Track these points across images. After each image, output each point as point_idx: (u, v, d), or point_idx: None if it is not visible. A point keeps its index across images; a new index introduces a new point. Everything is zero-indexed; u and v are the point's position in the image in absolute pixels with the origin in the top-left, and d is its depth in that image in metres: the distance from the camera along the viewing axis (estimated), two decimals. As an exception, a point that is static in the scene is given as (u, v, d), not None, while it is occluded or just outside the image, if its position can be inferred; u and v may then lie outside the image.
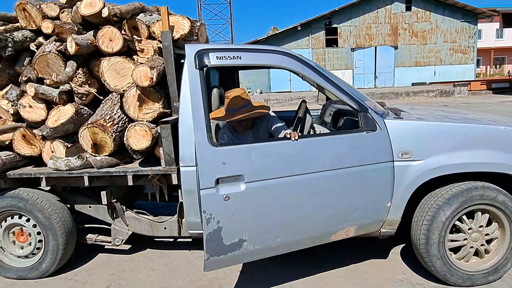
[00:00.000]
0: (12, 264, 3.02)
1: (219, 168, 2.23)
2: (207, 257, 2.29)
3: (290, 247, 2.52)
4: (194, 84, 2.27)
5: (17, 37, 2.96)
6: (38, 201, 2.87)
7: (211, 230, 2.25)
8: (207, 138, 2.22)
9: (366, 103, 2.59)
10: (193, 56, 2.29)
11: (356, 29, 26.80)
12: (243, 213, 2.30)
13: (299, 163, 2.37)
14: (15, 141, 2.90)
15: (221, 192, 2.23)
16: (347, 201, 2.50)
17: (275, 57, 2.50)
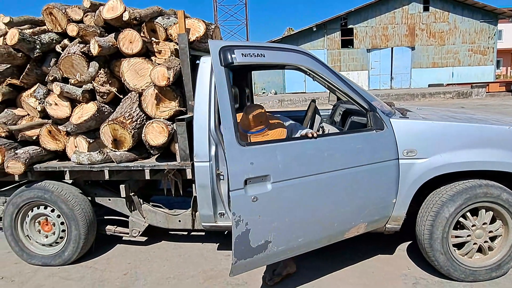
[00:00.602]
0: (37, 252, 3.23)
1: (247, 168, 2.17)
2: (234, 261, 2.22)
3: (310, 247, 2.54)
4: (219, 81, 2.17)
5: (44, 40, 3.16)
6: (62, 193, 3.06)
7: (240, 233, 2.18)
8: (236, 138, 2.15)
9: (374, 103, 2.69)
10: (217, 52, 2.19)
11: (372, 29, 26.64)
12: (270, 214, 2.26)
13: (318, 162, 2.39)
14: (42, 137, 3.10)
15: (249, 193, 2.17)
16: (359, 198, 2.57)
17: (295, 56, 2.51)
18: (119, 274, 3.02)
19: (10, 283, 2.96)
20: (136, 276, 2.98)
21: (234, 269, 2.27)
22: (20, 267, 3.21)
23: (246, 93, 3.96)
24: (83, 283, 2.90)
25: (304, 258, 3.05)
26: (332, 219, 2.52)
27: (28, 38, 3.00)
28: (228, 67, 2.21)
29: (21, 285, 2.93)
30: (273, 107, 19.08)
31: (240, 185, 2.15)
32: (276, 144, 2.33)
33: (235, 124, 2.15)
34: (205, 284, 2.81)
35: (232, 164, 2.15)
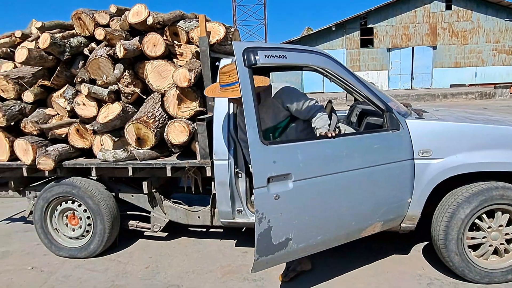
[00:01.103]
0: (65, 244, 3.40)
1: (270, 166, 2.22)
2: (257, 258, 2.27)
3: (328, 244, 2.58)
4: (244, 82, 2.18)
5: (73, 43, 3.33)
6: (89, 189, 3.22)
7: (262, 230, 2.23)
8: (259, 137, 2.19)
9: (390, 103, 2.74)
10: (241, 54, 2.21)
11: (392, 29, 26.30)
12: (291, 212, 2.31)
13: (337, 162, 2.43)
14: (70, 135, 3.27)
15: (272, 191, 2.22)
16: (376, 197, 2.61)
17: (315, 58, 2.55)
18: (141, 267, 3.15)
19: (40, 273, 3.14)
20: (157, 269, 3.11)
21: (256, 265, 2.33)
22: (48, 258, 3.39)
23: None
24: (108, 275, 3.05)
25: (318, 257, 3.11)
26: (350, 217, 2.57)
27: (59, 42, 3.17)
28: (252, 68, 2.24)
29: (50, 275, 3.10)
30: (291, 107, 19.09)
31: (263, 183, 2.20)
32: (297, 144, 2.38)
33: (258, 123, 2.20)
34: (223, 279, 2.91)
35: (256, 162, 2.19)
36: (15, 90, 3.29)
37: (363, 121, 3.19)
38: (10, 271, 3.20)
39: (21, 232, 4.12)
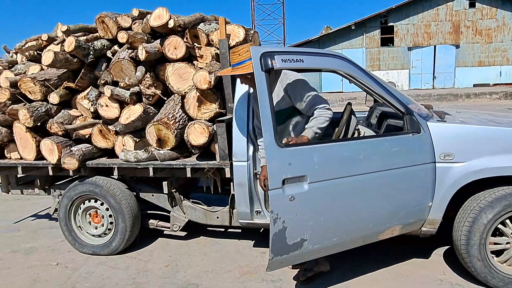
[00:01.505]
0: (88, 242, 3.50)
1: (285, 168, 2.25)
2: (271, 257, 2.33)
3: (344, 246, 2.59)
4: (261, 86, 2.25)
5: (97, 46, 3.41)
6: (111, 188, 3.31)
7: (277, 230, 2.27)
8: (275, 140, 2.23)
9: (411, 106, 2.70)
10: (258, 58, 2.27)
11: (414, 27, 25.81)
12: (306, 213, 2.34)
13: (354, 164, 2.44)
14: (93, 135, 3.36)
15: (287, 192, 2.25)
16: (395, 201, 2.59)
17: (333, 61, 2.58)
18: (161, 266, 3.22)
19: (64, 269, 3.24)
20: (176, 268, 3.16)
21: (270, 265, 2.38)
22: (72, 255, 3.50)
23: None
24: (129, 272, 3.12)
25: (335, 258, 3.11)
26: (367, 220, 2.56)
27: (83, 45, 3.26)
28: (268, 72, 2.31)
29: (74, 271, 3.20)
30: (309, 107, 19.00)
31: (278, 184, 2.24)
32: (313, 146, 2.39)
33: (274, 126, 2.24)
34: (241, 279, 2.94)
35: (271, 164, 2.24)
36: (41, 92, 3.41)
37: (383, 123, 3.16)
38: (36, 267, 3.32)
39: (46, 228, 4.26)
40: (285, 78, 2.63)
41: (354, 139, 2.84)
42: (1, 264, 3.41)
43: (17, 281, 3.08)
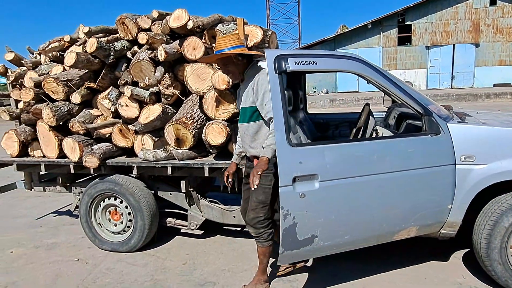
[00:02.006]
0: (107, 238, 3.58)
1: (296, 167, 2.31)
2: (282, 251, 2.40)
3: (356, 245, 2.63)
4: (274, 88, 2.34)
5: (117, 47, 3.48)
6: (130, 186, 3.37)
7: (287, 226, 2.34)
8: (286, 139, 2.30)
9: (430, 107, 2.67)
10: (272, 61, 2.36)
11: (432, 26, 25.36)
12: (316, 210, 2.39)
13: (368, 164, 2.45)
14: (113, 134, 3.43)
15: (297, 190, 2.31)
16: (411, 202, 2.57)
17: (347, 63, 2.59)
18: (179, 264, 3.26)
19: (85, 265, 3.33)
20: (194, 266, 3.20)
21: (281, 258, 2.45)
22: (92, 251, 3.58)
23: (299, 95, 4.06)
24: (147, 269, 3.18)
25: (352, 258, 3.10)
26: (380, 220, 2.56)
27: (104, 46, 3.33)
28: (282, 74, 2.39)
29: (95, 267, 3.27)
30: (325, 106, 18.91)
31: (288, 182, 2.31)
32: (325, 146, 2.45)
33: (286, 126, 2.31)
34: (257, 278, 2.96)
35: (282, 162, 2.30)
36: (64, 92, 3.50)
37: (402, 124, 3.13)
38: (58, 262, 3.41)
39: (67, 225, 4.37)
40: (256, 76, 2.52)
41: (367, 139, 2.84)
42: (25, 259, 3.52)
43: (40, 275, 3.17)
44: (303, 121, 3.93)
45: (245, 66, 2.59)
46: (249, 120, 2.56)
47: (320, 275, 2.96)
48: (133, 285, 2.95)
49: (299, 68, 2.44)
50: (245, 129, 2.61)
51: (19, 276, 3.18)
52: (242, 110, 2.61)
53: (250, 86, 2.51)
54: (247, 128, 2.59)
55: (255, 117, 2.55)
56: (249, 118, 2.56)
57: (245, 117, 2.58)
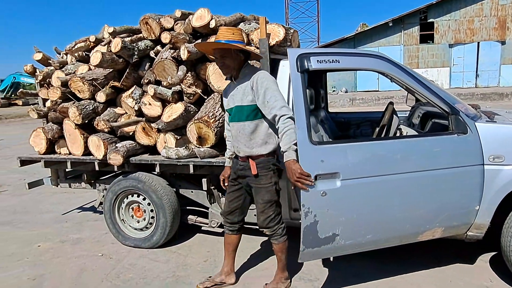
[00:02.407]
0: (130, 235, 3.65)
1: (318, 165, 2.31)
2: (303, 249, 2.41)
3: (379, 244, 2.61)
4: (296, 86, 2.36)
5: (141, 46, 3.54)
6: (153, 183, 3.42)
7: (308, 223, 2.35)
8: (308, 137, 2.30)
9: (457, 106, 2.61)
10: (294, 59, 2.39)
11: (455, 23, 24.74)
12: (338, 209, 2.38)
13: (391, 163, 2.42)
14: (137, 133, 3.49)
15: (319, 188, 2.30)
16: (436, 202, 2.52)
17: (370, 61, 2.59)
18: (200, 261, 3.30)
19: (109, 260, 3.40)
20: (215, 263, 3.23)
21: (302, 256, 2.46)
22: (116, 247, 3.66)
23: (321, 94, 4.03)
24: (169, 266, 3.23)
25: (372, 257, 3.06)
26: (403, 220, 2.52)
27: (128, 45, 3.39)
28: (304, 72, 2.40)
29: (118, 262, 3.34)
30: (344, 105, 18.71)
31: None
32: (347, 145, 2.44)
33: (308, 124, 2.31)
34: (278, 276, 2.96)
35: (304, 160, 2.29)
36: (89, 91, 3.58)
37: (427, 123, 3.07)
38: (83, 256, 3.49)
39: (91, 221, 4.47)
40: (255, 74, 2.46)
41: (390, 138, 2.81)
42: (52, 253, 3.63)
43: (66, 269, 3.26)
44: (325, 120, 3.90)
45: (241, 63, 2.52)
46: (246, 119, 2.49)
47: (341, 274, 2.94)
48: (155, 280, 3.00)
49: (322, 66, 2.44)
50: (241, 128, 2.52)
51: (47, 269, 3.28)
52: (238, 109, 2.52)
53: (248, 84, 2.45)
54: (243, 127, 2.51)
55: (253, 116, 2.48)
56: (246, 117, 2.49)
57: (242, 116, 2.51)
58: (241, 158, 2.60)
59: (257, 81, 2.40)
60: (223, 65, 2.51)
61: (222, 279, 2.85)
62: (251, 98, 2.45)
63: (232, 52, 2.46)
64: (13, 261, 3.47)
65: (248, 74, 2.50)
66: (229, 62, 2.47)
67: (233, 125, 2.58)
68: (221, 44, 2.43)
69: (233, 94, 2.56)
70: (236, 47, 2.42)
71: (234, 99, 2.54)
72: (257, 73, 2.46)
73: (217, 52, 2.50)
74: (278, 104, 2.34)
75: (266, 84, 2.39)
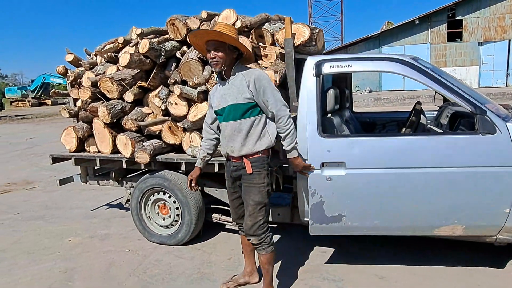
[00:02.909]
0: (156, 231, 3.73)
1: (324, 154, 2.65)
2: (311, 223, 2.75)
3: (390, 231, 2.75)
4: (311, 88, 2.75)
5: (167, 47, 3.61)
6: (178, 182, 3.49)
7: (315, 202, 2.70)
8: (317, 131, 2.68)
9: (487, 105, 2.55)
10: (312, 66, 2.77)
11: (485, 20, 23.96)
12: (342, 193, 2.67)
13: (398, 157, 2.59)
14: (163, 132, 3.56)
15: (325, 173, 2.65)
16: (451, 198, 2.55)
17: (382, 64, 2.77)
18: (224, 258, 3.34)
19: (135, 255, 3.49)
20: (239, 261, 3.26)
21: (312, 229, 2.79)
22: (142, 243, 3.75)
23: (345, 94, 3.99)
24: (194, 262, 3.28)
25: (399, 258, 3.02)
26: (413, 211, 2.63)
27: (156, 46, 3.47)
28: (318, 76, 2.78)
29: (144, 258, 3.43)
30: (368, 105, 18.43)
31: (316, 166, 2.66)
32: (353, 139, 2.78)
33: (318, 120, 2.71)
34: (301, 276, 2.97)
35: (312, 150, 2.68)
36: (118, 91, 3.68)
37: (456, 124, 3.00)
38: (111, 252, 3.61)
39: (118, 217, 4.60)
40: (250, 73, 2.46)
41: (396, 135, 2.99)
42: (81, 247, 3.76)
43: (95, 263, 3.37)
44: (349, 120, 3.87)
45: (232, 62, 2.47)
46: (242, 117, 2.45)
47: (366, 276, 2.91)
48: (180, 277, 3.06)
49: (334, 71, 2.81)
50: (236, 127, 2.46)
51: (77, 263, 3.40)
52: (232, 107, 2.45)
53: (243, 82, 2.42)
54: (239, 126, 2.46)
55: (249, 114, 2.45)
56: (242, 115, 2.44)
57: (237, 114, 2.45)
58: (235, 159, 2.54)
59: (254, 80, 2.40)
60: (214, 58, 2.42)
61: (246, 280, 2.87)
62: (247, 96, 2.41)
63: (227, 47, 2.40)
64: (45, 255, 3.62)
65: (240, 72, 2.47)
66: (221, 55, 2.40)
67: (227, 125, 2.51)
68: (217, 33, 2.37)
69: (225, 94, 2.50)
70: (232, 39, 2.39)
71: (227, 98, 2.48)
72: (252, 72, 2.46)
73: (210, 45, 2.42)
74: (278, 103, 2.41)
75: (264, 83, 2.41)
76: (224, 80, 2.53)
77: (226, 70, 2.48)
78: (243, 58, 2.56)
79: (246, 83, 2.41)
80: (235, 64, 2.50)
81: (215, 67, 2.47)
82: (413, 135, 2.88)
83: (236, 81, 2.46)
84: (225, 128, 2.54)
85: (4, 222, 4.65)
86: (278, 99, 2.43)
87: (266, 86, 2.41)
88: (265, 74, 2.51)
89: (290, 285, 2.85)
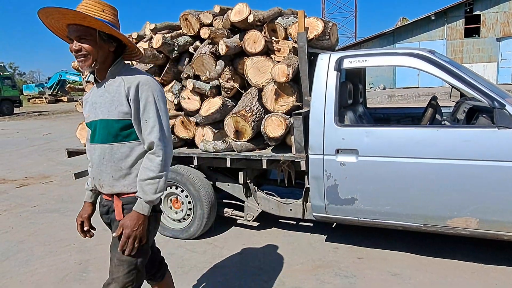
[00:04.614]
0: (169, 225, 3.76)
1: (339, 141, 2.82)
2: (327, 203, 2.94)
3: (400, 219, 2.81)
4: (331, 81, 2.90)
5: (180, 42, 3.63)
6: (191, 176, 3.50)
7: (330, 184, 2.89)
8: (334, 120, 2.83)
9: (507, 100, 2.50)
10: (334, 61, 2.92)
11: (504, 15, 23.36)
12: (355, 178, 2.82)
13: (410, 148, 2.65)
14: (176, 126, 3.58)
15: (339, 159, 2.83)
16: (463, 191, 2.55)
17: (399, 59, 2.82)
18: (236, 253, 3.34)
19: (148, 249, 3.52)
20: (250, 256, 3.26)
21: (328, 209, 2.97)
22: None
23: (359, 88, 3.95)
24: (206, 257, 3.30)
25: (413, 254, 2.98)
26: (424, 201, 2.66)
27: (169, 41, 3.49)
28: (339, 71, 2.90)
29: (157, 251, 3.45)
30: (382, 102, 18.21)
31: (331, 152, 2.85)
32: (366, 128, 2.86)
33: (335, 111, 2.84)
34: (313, 272, 2.95)
35: (328, 137, 2.85)
36: (131, 86, 3.70)
37: (474, 118, 2.94)
38: (124, 245, 3.64)
39: (131, 211, 4.64)
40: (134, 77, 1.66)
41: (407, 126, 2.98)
42: (96, 239, 3.78)
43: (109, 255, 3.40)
44: (363, 115, 3.83)
45: (109, 58, 1.69)
46: (115, 140, 1.69)
47: (379, 272, 2.88)
48: (192, 270, 3.08)
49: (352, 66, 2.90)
50: (107, 153, 1.71)
51: (91, 255, 3.45)
52: (102, 124, 1.69)
53: (122, 90, 1.65)
54: (110, 152, 1.70)
55: (126, 136, 1.69)
56: (115, 137, 1.69)
57: (108, 135, 1.68)
58: (105, 196, 1.84)
59: (136, 88, 1.64)
60: (78, 51, 1.60)
61: None
62: (124, 110, 1.65)
63: (97, 36, 1.60)
64: (61, 246, 3.69)
65: (120, 75, 1.69)
66: (88, 48, 1.60)
67: (95, 148, 1.74)
68: (78, 14, 1.54)
69: (95, 102, 1.73)
70: (102, 24, 1.58)
71: (97, 110, 1.71)
72: (137, 77, 1.67)
73: (72, 31, 1.60)
74: (157, 129, 1.64)
75: (149, 94, 1.65)
76: (99, 82, 1.75)
77: (99, 70, 1.70)
78: (128, 54, 1.81)
79: (124, 91, 1.64)
80: (116, 62, 1.71)
81: (81, 64, 1.63)
82: (425, 126, 2.92)
83: (112, 86, 1.68)
84: (93, 151, 1.76)
85: (21, 215, 4.75)
86: (163, 122, 1.67)
87: (150, 101, 1.65)
88: (155, 83, 1.70)
89: (302, 280, 2.84)
